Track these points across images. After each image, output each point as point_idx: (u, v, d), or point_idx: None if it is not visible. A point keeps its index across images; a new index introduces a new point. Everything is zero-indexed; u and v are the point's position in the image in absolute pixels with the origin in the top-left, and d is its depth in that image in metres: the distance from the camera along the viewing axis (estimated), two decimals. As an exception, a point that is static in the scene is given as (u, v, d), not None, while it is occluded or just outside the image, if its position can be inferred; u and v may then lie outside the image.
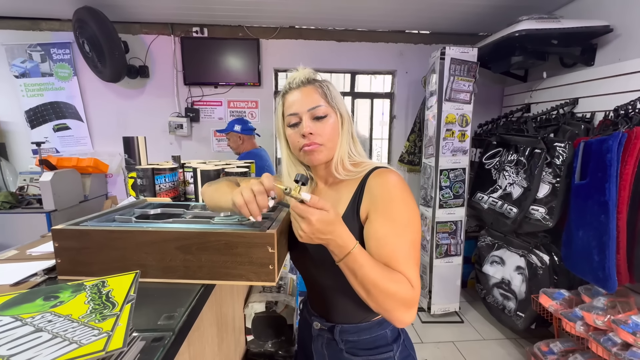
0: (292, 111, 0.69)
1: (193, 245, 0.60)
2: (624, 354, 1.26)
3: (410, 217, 0.62)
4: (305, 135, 0.67)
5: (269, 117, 2.88)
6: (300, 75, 0.71)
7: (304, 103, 0.68)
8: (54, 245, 0.61)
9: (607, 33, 1.83)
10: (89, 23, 2.20)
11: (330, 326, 0.74)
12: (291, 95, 0.70)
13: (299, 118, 0.68)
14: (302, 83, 0.70)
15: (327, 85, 0.71)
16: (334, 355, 0.75)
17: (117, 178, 2.83)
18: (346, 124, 0.71)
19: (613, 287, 1.40)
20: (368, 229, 0.63)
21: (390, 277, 0.57)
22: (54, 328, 0.35)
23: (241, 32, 2.71)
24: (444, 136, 2.20)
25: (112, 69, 2.38)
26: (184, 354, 0.59)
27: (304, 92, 0.69)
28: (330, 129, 0.68)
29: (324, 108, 0.68)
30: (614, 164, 1.39)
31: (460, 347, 2.06)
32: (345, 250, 0.56)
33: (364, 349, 0.73)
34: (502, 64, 2.26)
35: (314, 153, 0.68)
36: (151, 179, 1.13)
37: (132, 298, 0.41)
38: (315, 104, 0.68)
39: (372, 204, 0.64)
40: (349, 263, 0.56)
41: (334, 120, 0.69)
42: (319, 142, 0.67)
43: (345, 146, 0.71)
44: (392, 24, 2.70)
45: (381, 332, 0.73)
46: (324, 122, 0.68)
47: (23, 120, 2.69)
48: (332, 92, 0.70)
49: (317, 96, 0.68)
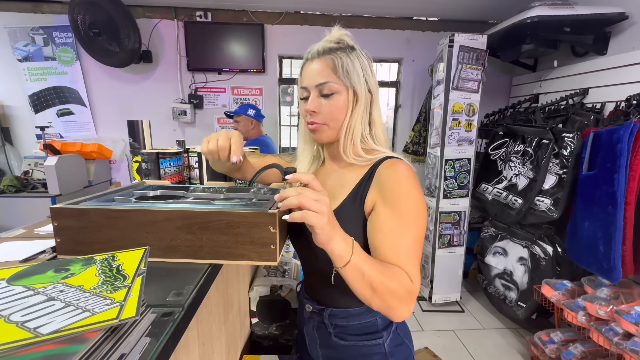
0: (302, 84, 0.66)
1: (194, 224, 0.60)
2: (625, 344, 1.27)
3: (417, 212, 0.60)
4: (308, 112, 0.65)
5: (273, 104, 2.86)
6: (323, 43, 0.66)
7: (314, 77, 0.64)
8: (53, 225, 0.61)
9: (622, 20, 1.78)
10: (101, 4, 2.16)
11: (320, 309, 0.73)
12: (307, 66, 0.67)
13: (308, 92, 0.65)
14: (317, 53, 0.65)
15: (343, 58, 0.63)
16: (323, 339, 0.75)
17: (121, 164, 2.84)
18: (361, 104, 0.65)
19: (618, 278, 1.40)
20: (374, 221, 0.61)
21: (390, 272, 0.55)
22: (67, 297, 0.35)
23: (245, 17, 2.66)
24: (450, 125, 2.17)
25: (127, 52, 2.37)
26: (193, 329, 0.60)
27: (317, 64, 0.65)
28: (334, 109, 0.64)
29: (333, 85, 0.63)
30: (624, 154, 1.37)
31: (461, 335, 2.08)
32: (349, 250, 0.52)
33: (353, 334, 0.72)
34: (512, 52, 2.21)
35: (315, 132, 0.66)
36: (156, 163, 1.13)
37: (142, 271, 0.41)
38: (324, 80, 0.63)
39: (381, 195, 0.61)
40: (356, 263, 0.52)
41: (344, 99, 0.64)
42: (319, 122, 0.65)
43: (357, 128, 0.66)
44: (399, 10, 2.64)
45: (371, 320, 0.71)
46: (330, 100, 0.64)
47: (27, 104, 2.68)
48: (347, 66, 0.63)
49: (328, 70, 0.63)
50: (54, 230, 0.62)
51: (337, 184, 0.70)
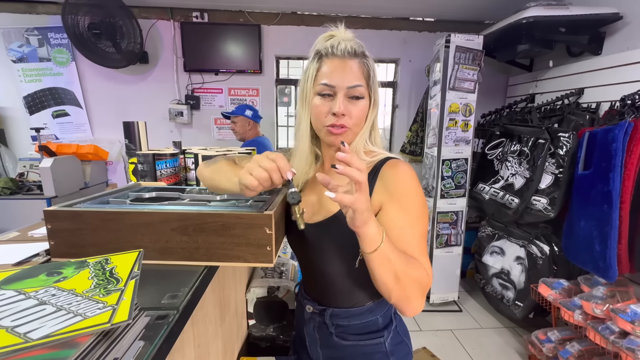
0: (328, 81, 0.62)
1: (190, 226, 0.60)
2: (621, 342, 1.27)
3: (423, 209, 0.62)
4: (336, 115, 0.62)
5: (271, 105, 2.85)
6: (349, 41, 0.63)
7: (346, 78, 0.61)
8: (46, 227, 0.60)
9: (617, 21, 1.79)
10: (104, 5, 2.14)
11: (322, 309, 0.74)
12: (332, 62, 0.63)
13: (334, 92, 0.62)
14: (348, 53, 0.62)
15: (372, 65, 0.65)
16: (324, 339, 0.75)
17: (117, 165, 2.82)
18: (376, 110, 0.68)
19: (613, 277, 1.41)
20: (384, 220, 0.61)
21: (411, 263, 0.56)
22: (58, 301, 0.34)
23: (242, 18, 2.66)
24: (447, 125, 2.18)
25: (128, 54, 2.37)
26: (188, 332, 0.59)
27: (348, 64, 0.62)
28: (362, 113, 0.65)
29: (362, 89, 0.63)
30: (619, 153, 1.37)
31: (459, 335, 2.09)
32: (380, 235, 0.52)
33: (354, 334, 0.72)
34: (508, 52, 2.22)
35: (340, 135, 0.64)
36: (152, 165, 1.12)
37: (136, 274, 0.40)
38: (356, 83, 0.62)
39: (388, 195, 0.62)
40: (385, 249, 0.52)
41: (365, 104, 0.65)
42: (347, 125, 0.63)
43: (367, 132, 0.68)
44: (396, 11, 2.65)
45: (372, 319, 0.72)
46: (357, 104, 0.63)
47: (22, 106, 2.66)
48: (374, 74, 0.66)
49: (360, 74, 0.63)
50: (47, 233, 0.61)
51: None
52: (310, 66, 0.65)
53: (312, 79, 0.64)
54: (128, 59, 2.45)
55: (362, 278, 0.70)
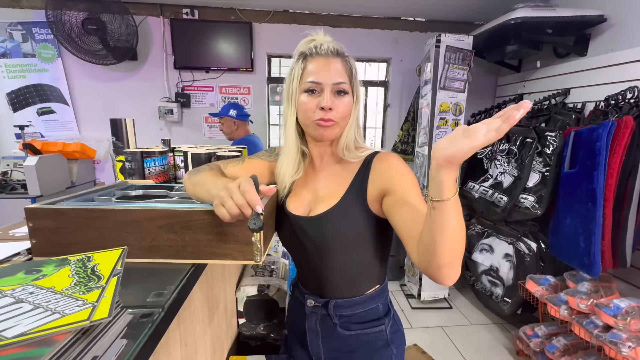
0: (314, 79, 0.65)
1: (176, 224, 0.59)
2: (604, 335, 1.31)
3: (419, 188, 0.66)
4: (324, 109, 0.65)
5: (262, 103, 2.84)
6: (330, 42, 0.68)
7: (331, 75, 0.65)
8: (27, 226, 0.59)
9: (601, 23, 1.83)
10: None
11: (325, 302, 0.74)
12: (316, 61, 0.67)
13: (321, 88, 0.66)
14: (330, 52, 0.67)
15: (353, 64, 0.69)
16: (327, 331, 0.75)
17: (105, 164, 2.77)
18: (358, 106, 0.71)
19: (597, 273, 1.44)
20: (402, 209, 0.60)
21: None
22: (36, 299, 0.33)
23: (233, 15, 2.63)
24: (438, 125, 2.20)
25: (121, 50, 2.32)
26: (174, 331, 0.58)
27: (332, 62, 0.66)
28: (347, 108, 0.68)
29: (346, 85, 0.67)
30: (602, 152, 1.41)
31: (449, 331, 2.11)
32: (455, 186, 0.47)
33: (357, 322, 0.74)
34: (497, 52, 2.25)
35: (327, 129, 0.67)
36: (140, 163, 1.10)
37: (118, 272, 0.40)
38: (341, 80, 0.66)
39: (389, 182, 0.64)
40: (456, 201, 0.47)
41: (349, 100, 0.68)
42: (335, 119, 0.67)
43: (354, 127, 0.71)
44: (388, 10, 2.66)
45: (373, 306, 0.74)
46: (342, 99, 0.67)
47: (5, 103, 2.58)
48: (356, 71, 0.70)
49: (343, 72, 0.67)
50: (29, 231, 0.59)
51: (332, 181, 0.72)
52: (295, 66, 0.69)
53: (298, 78, 0.68)
54: (117, 56, 2.40)
55: (362, 266, 0.72)
